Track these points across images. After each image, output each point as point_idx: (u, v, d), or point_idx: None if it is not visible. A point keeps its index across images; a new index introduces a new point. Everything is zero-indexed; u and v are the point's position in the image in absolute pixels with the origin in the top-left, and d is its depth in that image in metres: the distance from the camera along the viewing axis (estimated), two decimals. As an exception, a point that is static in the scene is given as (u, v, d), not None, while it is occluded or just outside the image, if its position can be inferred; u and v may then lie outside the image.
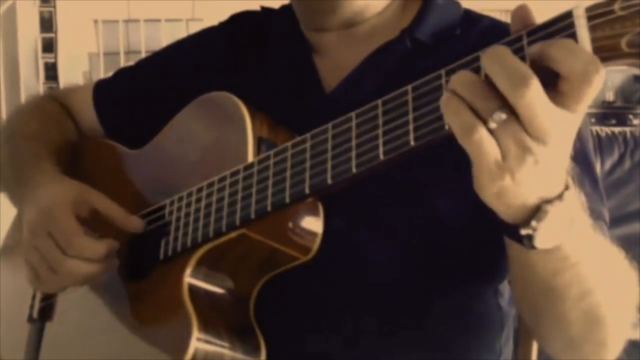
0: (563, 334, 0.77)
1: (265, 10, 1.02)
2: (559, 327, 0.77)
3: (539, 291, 0.73)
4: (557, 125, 0.55)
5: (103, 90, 1.10)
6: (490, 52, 0.56)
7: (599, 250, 0.72)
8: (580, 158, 0.80)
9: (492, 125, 0.56)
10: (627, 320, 0.78)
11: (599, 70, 0.53)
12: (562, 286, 0.70)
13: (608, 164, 2.24)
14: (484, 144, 0.56)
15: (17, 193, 0.98)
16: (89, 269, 0.83)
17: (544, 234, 0.62)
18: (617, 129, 2.33)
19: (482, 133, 0.56)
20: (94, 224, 0.86)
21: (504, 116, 0.55)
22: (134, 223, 0.86)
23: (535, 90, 0.54)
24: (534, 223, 0.61)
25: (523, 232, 0.62)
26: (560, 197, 0.61)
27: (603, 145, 2.24)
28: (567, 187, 0.61)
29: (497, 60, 0.56)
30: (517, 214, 0.62)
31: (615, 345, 0.78)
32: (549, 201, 0.60)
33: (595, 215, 0.76)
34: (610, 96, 3.51)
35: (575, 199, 0.63)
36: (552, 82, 0.55)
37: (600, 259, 0.72)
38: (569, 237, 0.64)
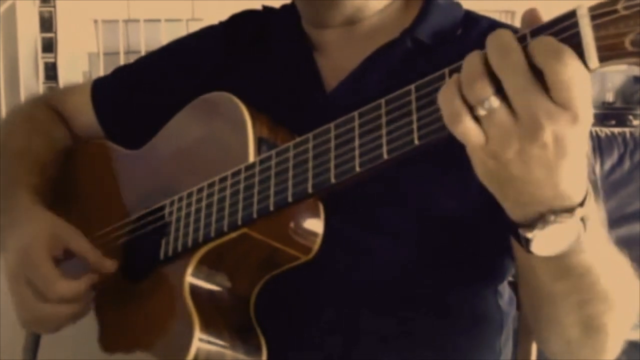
0: (560, 337, 0.78)
1: (267, 10, 1.02)
2: (557, 331, 0.77)
3: (539, 294, 0.73)
4: (547, 117, 0.54)
5: (101, 89, 1.09)
6: (492, 33, 0.57)
7: (610, 262, 0.72)
8: None
9: (482, 112, 0.56)
10: (628, 325, 0.78)
11: (560, 56, 0.53)
12: (562, 292, 0.70)
13: (608, 164, 2.25)
14: (468, 132, 0.56)
15: None
16: (70, 310, 0.84)
17: (543, 242, 0.62)
18: (616, 130, 2.34)
19: (467, 124, 0.56)
20: (70, 258, 0.86)
21: (495, 104, 0.55)
22: (107, 265, 0.86)
23: (515, 60, 0.54)
24: (535, 229, 0.61)
25: (523, 234, 0.62)
26: (570, 211, 0.60)
27: (603, 145, 2.25)
28: (581, 204, 0.60)
29: (491, 36, 0.56)
30: (518, 210, 0.62)
31: (614, 348, 0.78)
32: (555, 212, 0.60)
33: None
34: (610, 97, 3.51)
35: (591, 216, 0.62)
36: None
37: (610, 271, 0.71)
38: (576, 250, 0.63)
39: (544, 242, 0.62)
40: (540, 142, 0.55)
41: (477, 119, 0.56)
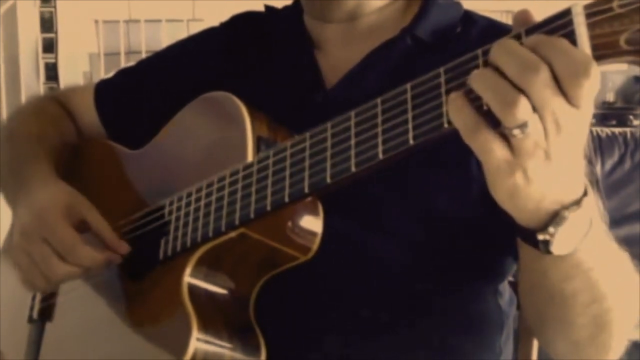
0: (569, 338, 0.77)
1: (268, 10, 1.02)
2: (565, 331, 0.77)
3: (548, 295, 0.73)
4: (567, 121, 0.55)
5: (104, 91, 1.10)
6: (499, 43, 0.56)
7: (611, 255, 0.72)
8: None
9: (519, 135, 0.55)
10: (632, 322, 0.78)
11: (589, 73, 0.52)
12: (573, 291, 0.70)
13: (608, 164, 2.24)
14: (489, 144, 0.56)
15: (13, 193, 0.99)
16: (80, 274, 0.85)
17: (562, 240, 0.62)
18: (617, 130, 2.33)
19: (486, 134, 0.56)
20: (83, 230, 0.86)
21: (528, 126, 0.54)
22: (121, 246, 0.86)
23: (545, 76, 0.54)
24: (551, 229, 0.61)
25: (540, 237, 0.62)
26: (578, 203, 0.60)
27: (603, 145, 2.25)
28: (585, 194, 0.61)
29: (506, 50, 0.56)
30: (533, 218, 0.62)
31: (618, 347, 0.78)
32: (566, 207, 0.60)
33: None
34: (610, 97, 3.51)
35: (593, 206, 0.63)
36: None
37: (612, 264, 0.72)
38: (585, 243, 0.63)
39: (563, 239, 0.62)
40: (558, 144, 0.56)
41: (502, 134, 0.56)
